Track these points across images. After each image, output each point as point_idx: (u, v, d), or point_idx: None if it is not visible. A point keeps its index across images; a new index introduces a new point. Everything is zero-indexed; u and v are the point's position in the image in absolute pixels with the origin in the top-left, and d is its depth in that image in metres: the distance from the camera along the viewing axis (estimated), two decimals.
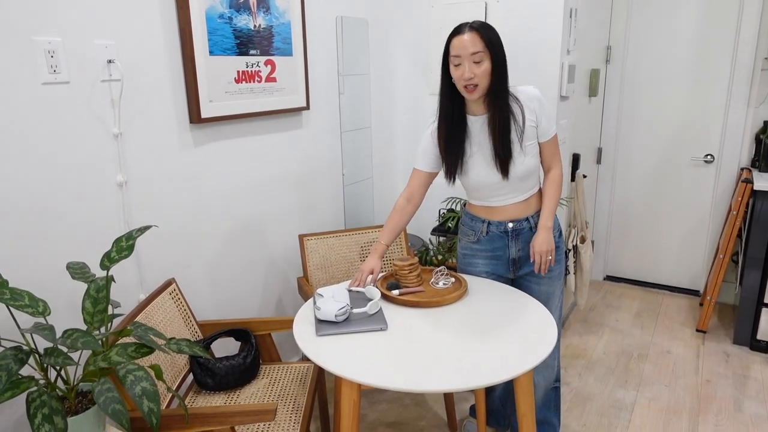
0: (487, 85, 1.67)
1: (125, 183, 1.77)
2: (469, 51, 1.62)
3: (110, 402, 1.08)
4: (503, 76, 1.69)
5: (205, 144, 2.03)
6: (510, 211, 1.86)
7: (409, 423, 2.35)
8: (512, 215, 1.86)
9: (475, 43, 1.62)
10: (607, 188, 3.72)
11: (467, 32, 1.63)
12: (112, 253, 1.30)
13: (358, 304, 1.72)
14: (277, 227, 2.43)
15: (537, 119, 1.75)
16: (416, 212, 1.94)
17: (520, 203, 1.85)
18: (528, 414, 1.55)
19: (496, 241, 1.89)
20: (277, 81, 2.26)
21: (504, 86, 1.70)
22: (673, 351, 2.93)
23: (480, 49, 1.62)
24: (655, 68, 3.41)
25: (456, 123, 1.77)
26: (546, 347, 1.46)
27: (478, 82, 1.65)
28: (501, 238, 1.89)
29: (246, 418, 1.42)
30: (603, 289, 3.76)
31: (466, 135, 1.78)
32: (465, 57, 1.63)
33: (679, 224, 3.57)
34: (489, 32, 1.64)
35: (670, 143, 3.47)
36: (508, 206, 1.85)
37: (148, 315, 1.68)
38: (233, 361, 1.82)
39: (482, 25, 1.66)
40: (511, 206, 1.85)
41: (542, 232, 1.81)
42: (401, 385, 1.32)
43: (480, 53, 1.62)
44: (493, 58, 1.64)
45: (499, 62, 1.66)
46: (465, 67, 1.63)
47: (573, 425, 2.33)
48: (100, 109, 1.67)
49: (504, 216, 1.86)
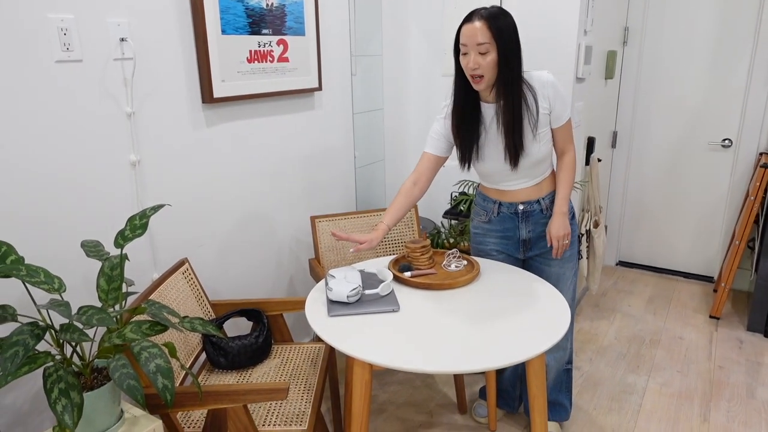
0: (493, 76, 1.63)
1: (138, 162, 1.78)
2: (476, 41, 1.58)
3: (125, 378, 1.09)
4: (513, 66, 1.63)
5: (217, 124, 2.03)
6: (521, 194, 1.86)
7: (419, 404, 2.36)
8: (523, 198, 1.86)
9: (483, 33, 1.57)
10: (621, 172, 3.68)
11: (476, 21, 1.58)
12: (126, 231, 1.30)
13: (370, 285, 1.72)
14: (288, 208, 2.43)
15: (551, 106, 1.72)
16: (423, 196, 1.92)
17: (532, 187, 1.85)
18: (539, 396, 1.54)
19: (507, 222, 1.90)
20: (289, 61, 2.24)
21: (515, 76, 1.64)
22: (685, 337, 2.92)
23: (486, 41, 1.57)
24: (673, 50, 3.34)
25: (469, 110, 1.74)
26: (559, 330, 1.45)
27: (483, 73, 1.61)
28: (511, 218, 1.89)
29: (259, 396, 1.43)
30: (615, 275, 3.73)
31: (480, 122, 1.76)
32: (471, 47, 1.59)
33: (694, 209, 3.52)
34: (500, 21, 1.58)
35: (687, 127, 3.41)
36: (519, 190, 1.85)
37: (162, 294, 1.69)
38: (245, 340, 1.83)
39: (493, 13, 1.59)
40: (522, 190, 1.85)
41: (558, 218, 1.81)
42: (412, 366, 1.32)
43: (486, 44, 1.57)
44: (500, 50, 1.59)
45: (507, 53, 1.60)
46: (470, 57, 1.60)
47: (583, 408, 2.33)
48: (113, 87, 1.67)
49: (515, 198, 1.86)
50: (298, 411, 1.63)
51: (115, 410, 1.30)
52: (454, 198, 2.88)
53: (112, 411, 1.29)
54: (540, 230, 1.89)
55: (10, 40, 1.41)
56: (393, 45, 2.90)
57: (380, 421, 2.26)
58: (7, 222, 1.46)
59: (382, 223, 1.82)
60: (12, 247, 1.19)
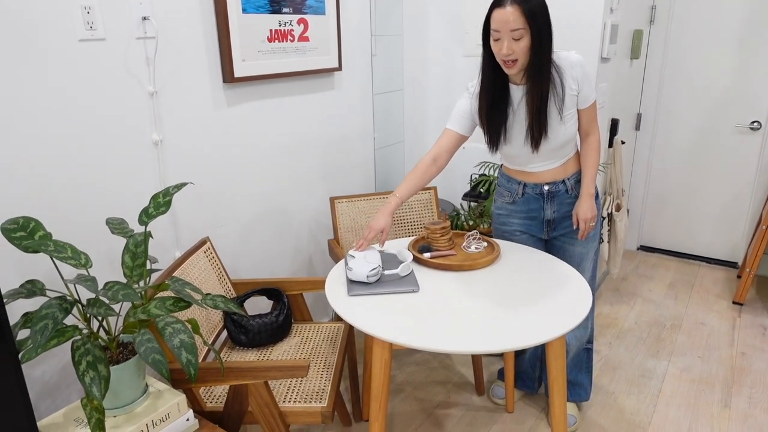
0: (526, 60, 1.60)
1: (160, 141, 1.79)
2: (509, 27, 1.54)
3: (150, 352, 1.11)
4: (545, 50, 1.60)
5: (238, 104, 2.03)
6: (546, 175, 1.85)
7: (437, 385, 2.37)
8: (548, 179, 1.85)
9: (516, 19, 1.52)
10: (645, 155, 3.61)
11: (509, 5, 1.53)
12: (150, 208, 1.32)
13: (390, 265, 1.72)
14: (308, 189, 2.43)
15: (579, 87, 1.70)
16: (442, 177, 1.91)
17: (558, 168, 1.84)
18: (559, 377, 1.54)
19: (532, 203, 1.89)
20: (309, 40, 2.23)
21: (546, 59, 1.62)
22: (707, 323, 2.88)
23: (520, 26, 1.53)
24: (701, 30, 3.24)
25: (499, 93, 1.72)
26: (580, 313, 1.44)
27: (518, 57, 1.58)
28: (536, 199, 1.88)
29: (279, 373, 1.45)
30: (636, 259, 3.69)
31: (508, 104, 1.74)
32: (504, 33, 1.55)
33: (719, 194, 3.45)
34: (532, 3, 1.53)
35: (713, 109, 3.33)
36: (544, 171, 1.84)
37: (184, 272, 1.71)
38: (266, 319, 1.85)
39: None
40: (547, 171, 1.84)
41: (586, 200, 1.81)
42: (432, 345, 1.32)
43: (520, 30, 1.54)
44: (534, 34, 1.55)
45: (541, 36, 1.57)
46: (504, 43, 1.56)
47: (602, 391, 2.32)
48: (135, 66, 1.68)
49: (540, 179, 1.86)
50: (317, 389, 1.65)
51: (140, 384, 1.33)
52: (474, 180, 2.86)
53: (137, 385, 1.32)
54: (565, 210, 1.88)
55: (34, 19, 1.42)
56: (413, 25, 2.87)
57: (398, 401, 2.28)
58: (34, 199, 1.48)
59: (395, 196, 1.79)
60: (40, 223, 1.21)
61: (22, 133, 1.44)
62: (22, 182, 1.45)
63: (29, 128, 1.45)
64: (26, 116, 1.44)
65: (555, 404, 1.57)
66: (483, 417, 2.18)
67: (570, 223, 1.88)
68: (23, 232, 1.18)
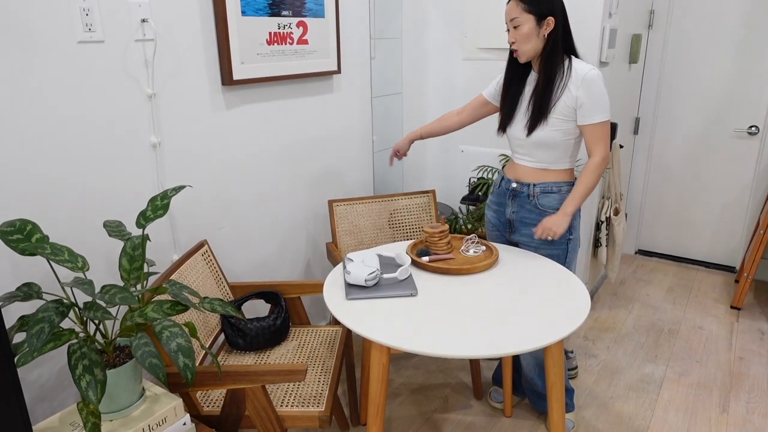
0: (530, 47, 1.72)
1: (159, 144, 1.78)
2: (509, 17, 1.72)
3: (147, 356, 1.10)
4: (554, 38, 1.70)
5: (236, 107, 2.03)
6: (521, 171, 1.91)
7: (435, 389, 2.37)
8: (520, 176, 1.91)
9: (512, 9, 1.70)
10: (643, 159, 3.61)
11: None
12: (148, 211, 1.31)
13: (388, 269, 1.71)
14: (306, 192, 2.43)
15: (578, 101, 1.72)
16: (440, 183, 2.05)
17: (532, 168, 1.88)
18: (557, 383, 1.54)
19: (501, 197, 1.98)
20: (308, 43, 2.23)
21: (556, 49, 1.72)
22: (705, 327, 2.88)
23: (516, 15, 1.69)
24: (699, 34, 3.25)
25: (517, 79, 1.85)
26: (577, 318, 1.44)
27: (517, 46, 1.73)
28: (504, 194, 1.96)
29: (277, 377, 1.45)
30: (634, 263, 3.69)
31: (523, 88, 1.85)
32: (508, 23, 1.73)
33: (717, 198, 3.45)
34: None
35: (712, 114, 3.34)
36: (522, 166, 1.91)
37: (182, 275, 1.70)
38: (263, 322, 1.85)
39: None
40: (523, 167, 1.91)
41: (560, 215, 1.79)
42: (430, 350, 1.32)
43: (516, 18, 1.69)
44: (537, 19, 1.68)
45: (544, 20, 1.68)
46: (510, 33, 1.74)
47: (599, 396, 2.32)
48: (134, 68, 1.67)
49: (515, 174, 1.93)
50: (315, 393, 1.64)
51: (136, 388, 1.32)
52: (472, 183, 2.86)
53: (134, 388, 1.31)
54: (523, 215, 1.90)
55: (33, 20, 1.42)
56: (412, 28, 2.87)
57: (395, 405, 2.27)
58: (32, 202, 1.48)
59: (418, 130, 2.10)
60: (37, 225, 1.20)
61: (20, 134, 1.43)
62: (19, 184, 1.45)
63: (27, 130, 1.45)
64: (24, 118, 1.44)
65: (553, 410, 1.57)
66: (481, 421, 2.17)
67: (530, 232, 1.89)
68: (20, 235, 1.17)
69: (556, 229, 1.77)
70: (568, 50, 1.76)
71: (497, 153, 2.80)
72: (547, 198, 1.86)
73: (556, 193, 1.86)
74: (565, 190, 1.86)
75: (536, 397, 2.13)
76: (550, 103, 1.74)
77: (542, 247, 1.89)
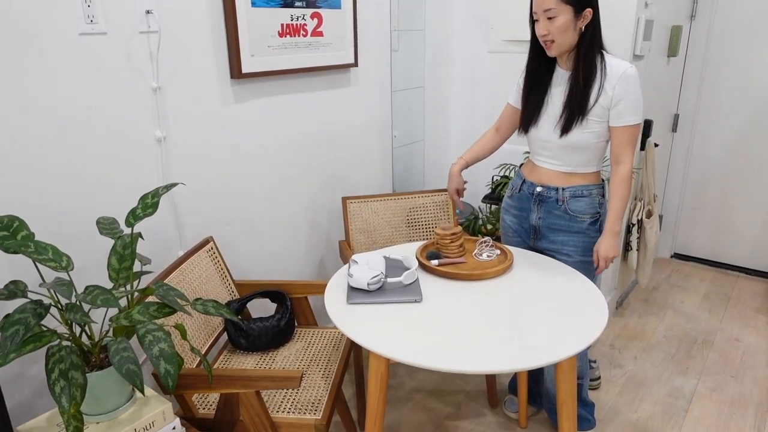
0: (565, 40, 1.60)
1: (164, 138, 1.75)
2: (543, 7, 1.57)
3: (125, 362, 1.06)
4: (589, 29, 1.60)
5: (246, 101, 1.98)
6: (545, 175, 1.79)
7: (448, 395, 2.28)
8: (546, 179, 1.79)
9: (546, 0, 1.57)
10: (681, 158, 3.41)
11: None
12: (138, 210, 1.27)
13: (394, 273, 1.64)
14: (321, 188, 2.37)
15: (613, 100, 1.61)
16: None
17: (560, 172, 1.76)
18: (569, 400, 1.43)
19: (524, 202, 1.85)
20: (323, 35, 2.15)
21: (594, 43, 1.61)
22: (743, 339, 2.70)
23: (551, 6, 1.55)
24: (746, 25, 3.03)
25: (541, 75, 1.73)
26: (593, 332, 1.34)
27: (554, 38, 1.59)
28: (527, 199, 1.84)
29: (271, 383, 1.39)
30: (669, 268, 3.50)
31: (548, 87, 1.73)
32: (540, 13, 1.59)
33: (761, 201, 3.23)
34: None
35: (758, 111, 3.11)
36: (546, 169, 1.78)
37: (184, 273, 1.67)
38: (267, 322, 1.80)
39: None
40: (548, 170, 1.78)
41: (608, 237, 1.70)
42: (430, 363, 1.24)
43: (553, 9, 1.56)
44: (575, 10, 1.56)
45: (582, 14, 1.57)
46: (540, 24, 1.60)
47: (623, 411, 2.19)
48: (138, 61, 1.64)
49: (539, 178, 1.80)
50: (314, 399, 1.59)
51: (125, 390, 1.29)
52: (495, 181, 2.75)
53: (121, 391, 1.28)
54: (551, 221, 1.78)
55: (33, 12, 1.39)
56: (436, 20, 2.76)
57: (406, 410, 2.20)
58: (30, 197, 1.46)
59: (460, 158, 1.93)
60: (24, 222, 1.18)
61: (20, 128, 1.41)
62: (18, 179, 1.43)
63: (28, 124, 1.42)
64: (25, 112, 1.41)
65: (564, 429, 1.46)
66: None
67: (557, 237, 1.79)
68: (6, 232, 1.15)
69: (613, 254, 1.69)
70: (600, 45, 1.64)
71: (521, 150, 2.68)
72: (578, 202, 1.75)
73: (586, 197, 1.74)
74: (596, 194, 1.75)
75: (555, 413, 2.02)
76: (588, 104, 1.62)
77: (576, 254, 1.78)
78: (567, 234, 1.78)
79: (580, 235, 1.77)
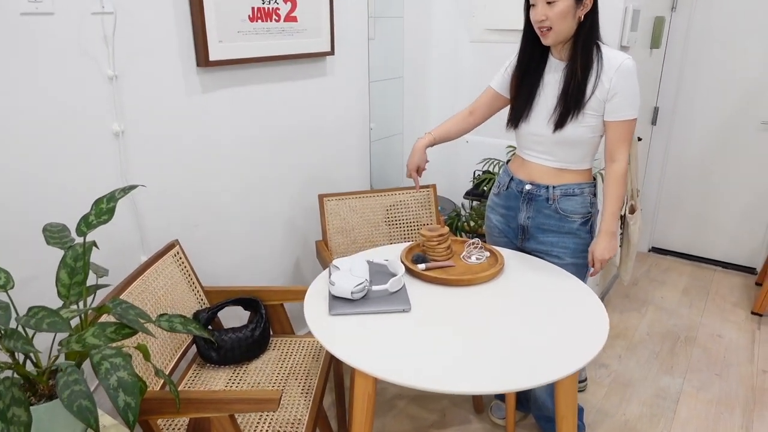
0: (563, 29, 1.49)
1: (122, 132, 1.58)
2: None
3: (76, 397, 0.91)
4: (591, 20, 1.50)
5: (214, 90, 1.81)
6: (536, 171, 1.69)
7: (432, 401, 2.18)
8: (536, 176, 1.69)
9: None
10: (660, 151, 3.38)
11: None
12: (91, 216, 1.11)
13: (379, 279, 1.51)
14: (295, 185, 2.22)
15: (609, 93, 1.52)
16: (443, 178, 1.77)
17: (551, 168, 1.66)
18: (569, 416, 1.34)
19: (511, 200, 1.76)
20: (297, 21, 2.00)
21: (592, 34, 1.51)
22: (724, 335, 2.67)
23: None
24: (726, 18, 2.99)
25: (534, 65, 1.63)
26: (595, 344, 1.24)
27: (551, 24, 1.48)
28: (516, 197, 1.74)
29: (246, 406, 1.26)
30: (648, 262, 3.48)
31: (541, 78, 1.62)
32: None
33: (739, 195, 3.22)
34: None
35: (737, 104, 3.09)
36: (537, 165, 1.69)
37: (147, 281, 1.51)
38: (240, 333, 1.65)
39: None
40: (539, 166, 1.68)
41: (604, 237, 1.62)
42: (422, 383, 1.13)
43: None
44: None
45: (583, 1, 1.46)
46: (537, 9, 1.49)
47: (610, 413, 2.13)
48: (91, 46, 1.46)
49: (527, 174, 1.70)
50: (293, 418, 1.46)
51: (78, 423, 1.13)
52: (477, 177, 2.64)
53: (74, 422, 1.12)
54: (540, 221, 1.70)
55: None
56: (416, 6, 2.63)
57: (389, 418, 2.09)
58: None
59: (428, 134, 1.78)
60: None
61: None
62: None
63: None
64: None
65: None
66: None
67: (550, 240, 1.70)
68: None
69: (609, 255, 1.61)
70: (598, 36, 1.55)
71: (505, 144, 2.58)
72: (570, 201, 1.65)
73: (578, 195, 1.66)
74: (588, 192, 1.67)
75: (545, 422, 1.93)
76: (586, 96, 1.53)
77: (567, 256, 1.69)
78: (557, 235, 1.69)
79: (570, 235, 1.68)
